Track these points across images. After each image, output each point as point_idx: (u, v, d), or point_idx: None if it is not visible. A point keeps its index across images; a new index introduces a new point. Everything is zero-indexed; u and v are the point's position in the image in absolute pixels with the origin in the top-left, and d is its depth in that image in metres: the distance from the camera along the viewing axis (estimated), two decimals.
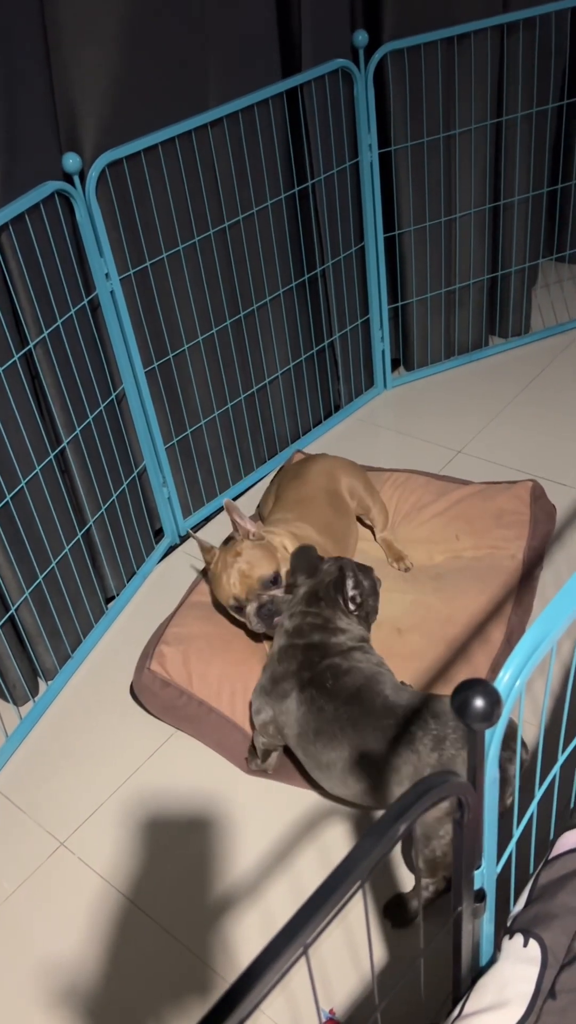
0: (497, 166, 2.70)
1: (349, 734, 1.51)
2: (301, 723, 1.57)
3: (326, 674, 1.58)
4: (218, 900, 1.60)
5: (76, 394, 1.99)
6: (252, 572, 1.79)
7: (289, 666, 1.63)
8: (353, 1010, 1.42)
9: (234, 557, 1.82)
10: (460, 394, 2.82)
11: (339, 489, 2.14)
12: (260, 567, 1.80)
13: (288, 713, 1.60)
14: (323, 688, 1.57)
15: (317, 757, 1.55)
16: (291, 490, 2.12)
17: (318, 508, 2.06)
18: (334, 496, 2.12)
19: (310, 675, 1.59)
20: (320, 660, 1.61)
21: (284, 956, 0.69)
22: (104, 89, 1.88)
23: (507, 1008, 1.01)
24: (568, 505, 2.31)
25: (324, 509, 2.06)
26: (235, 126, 2.14)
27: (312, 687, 1.58)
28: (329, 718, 1.54)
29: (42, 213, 1.82)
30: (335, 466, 2.20)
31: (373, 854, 0.75)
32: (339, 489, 2.14)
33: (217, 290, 2.27)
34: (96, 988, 1.51)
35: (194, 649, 1.91)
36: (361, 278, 2.65)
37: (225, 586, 1.82)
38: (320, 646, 1.63)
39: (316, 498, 2.08)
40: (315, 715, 1.55)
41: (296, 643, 1.65)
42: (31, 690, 2.03)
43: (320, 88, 2.27)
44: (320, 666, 1.60)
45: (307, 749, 1.57)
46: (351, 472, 2.20)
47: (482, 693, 0.79)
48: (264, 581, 1.79)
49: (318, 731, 1.54)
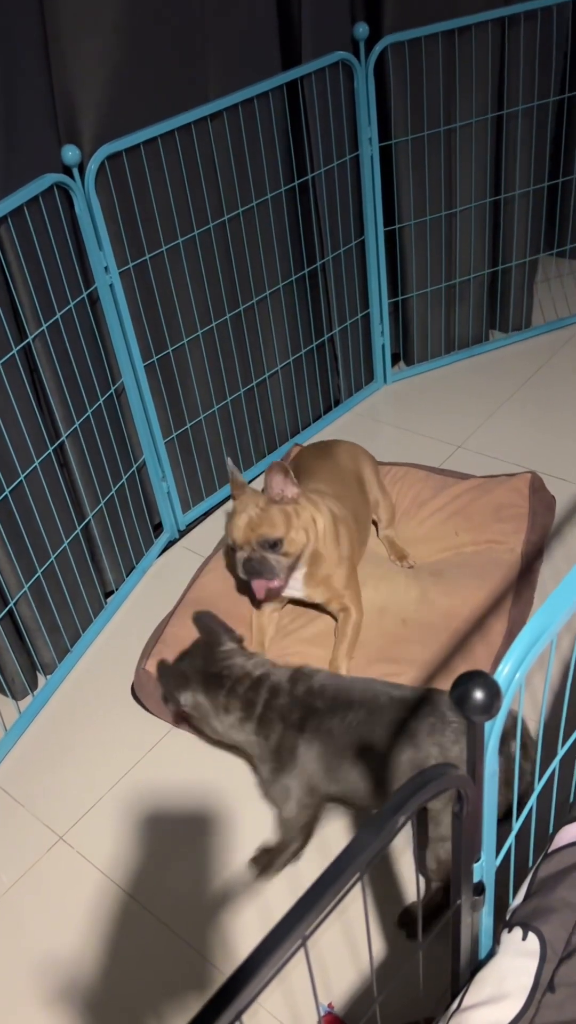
0: (498, 160, 2.69)
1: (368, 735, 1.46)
2: (324, 757, 1.50)
3: (307, 701, 1.53)
4: (216, 894, 1.60)
5: (75, 388, 1.98)
6: (258, 527, 1.79)
7: (274, 728, 1.53)
8: (351, 1003, 1.42)
9: (255, 506, 1.81)
10: (460, 389, 2.81)
11: (361, 474, 2.15)
12: (267, 526, 1.79)
13: (306, 764, 1.51)
14: (317, 712, 1.51)
15: (351, 775, 1.48)
16: (323, 467, 2.09)
17: (349, 490, 2.06)
18: (359, 480, 2.13)
19: (297, 715, 1.52)
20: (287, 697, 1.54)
21: (282, 949, 0.68)
22: (103, 81, 1.87)
23: (506, 1001, 1.01)
24: (568, 500, 2.31)
25: (354, 492, 2.07)
26: (235, 119, 2.13)
27: (308, 720, 1.51)
28: (342, 732, 1.49)
29: (41, 206, 1.81)
30: (358, 451, 2.21)
31: (372, 847, 0.75)
32: (361, 474, 2.15)
33: (217, 284, 2.26)
34: (94, 981, 1.51)
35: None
36: (361, 272, 2.64)
37: (232, 525, 1.83)
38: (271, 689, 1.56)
39: (346, 478, 2.09)
40: (328, 740, 1.49)
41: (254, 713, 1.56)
42: (30, 684, 2.03)
43: (320, 81, 2.26)
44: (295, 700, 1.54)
45: (339, 775, 1.49)
46: (370, 461, 2.22)
47: (482, 685, 0.79)
48: (263, 540, 1.79)
49: (341, 751, 1.48)
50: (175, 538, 2.44)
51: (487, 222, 2.74)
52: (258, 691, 1.56)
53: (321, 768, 1.51)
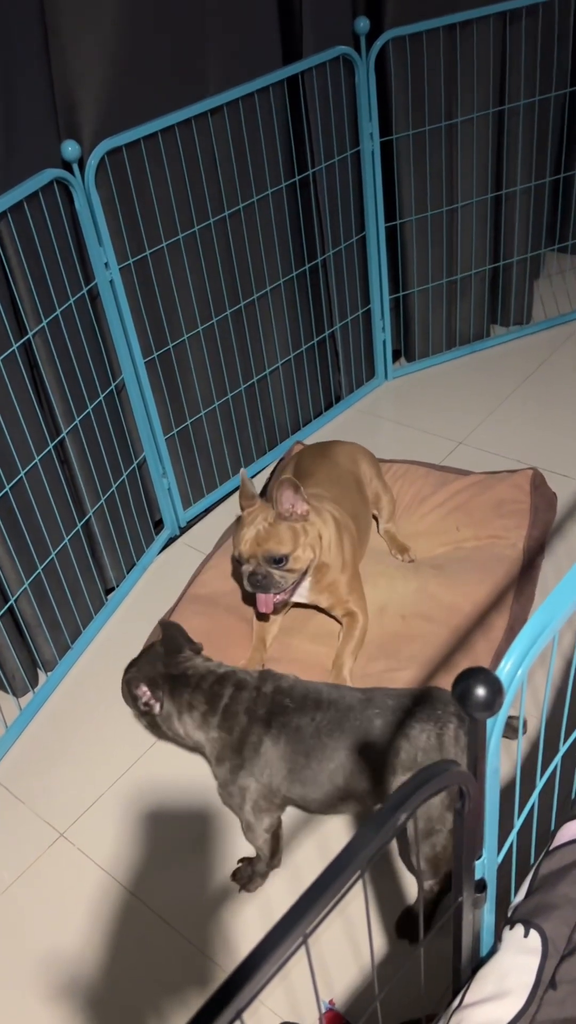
0: (499, 155, 2.68)
1: (337, 737, 1.45)
2: (288, 757, 1.47)
3: (275, 698, 1.51)
4: (217, 890, 1.60)
5: (75, 384, 1.98)
6: (265, 542, 1.80)
7: (238, 721, 1.50)
8: (353, 1001, 1.42)
9: (263, 520, 1.81)
10: (461, 385, 2.80)
11: (360, 474, 2.15)
12: (274, 542, 1.80)
13: (270, 762, 1.48)
14: (286, 710, 1.49)
15: (317, 778, 1.46)
16: (321, 469, 2.10)
17: (348, 492, 2.06)
18: (358, 481, 2.13)
19: (264, 709, 1.50)
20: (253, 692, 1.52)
21: (283, 946, 0.68)
22: (103, 76, 1.86)
23: (507, 998, 1.00)
24: (570, 496, 2.30)
25: (353, 494, 2.07)
26: (235, 114, 2.12)
27: (275, 716, 1.49)
28: (311, 732, 1.46)
29: (41, 201, 1.80)
30: (356, 451, 2.21)
31: (372, 844, 0.74)
32: (360, 474, 2.15)
33: (217, 279, 2.25)
34: (95, 978, 1.51)
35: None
36: (362, 268, 2.63)
37: (239, 537, 1.83)
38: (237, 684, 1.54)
39: (345, 480, 2.09)
40: (296, 739, 1.47)
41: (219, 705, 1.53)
42: (31, 681, 2.03)
43: (321, 75, 2.25)
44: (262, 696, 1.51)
45: (304, 776, 1.47)
46: (369, 459, 2.22)
47: (484, 682, 0.78)
48: (269, 556, 1.80)
49: (308, 752, 1.46)
50: (176, 535, 2.43)
51: (488, 218, 2.73)
52: (223, 685, 1.54)
53: (285, 768, 1.47)
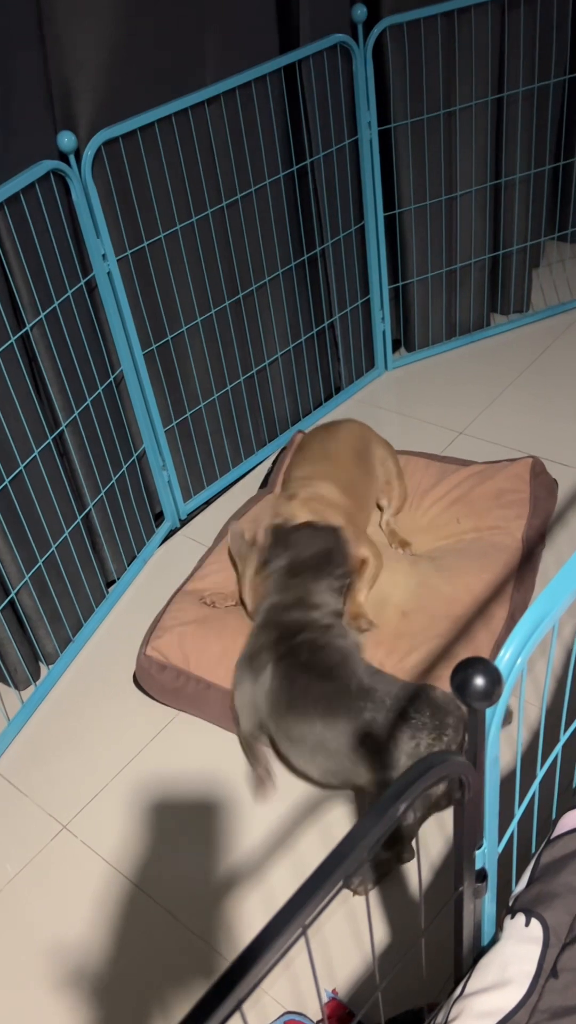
0: (498, 143, 2.66)
1: (321, 709, 1.52)
2: (275, 695, 1.58)
3: (302, 648, 1.60)
4: (221, 881, 1.61)
5: (74, 377, 1.97)
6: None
7: (267, 638, 1.65)
8: (356, 990, 1.42)
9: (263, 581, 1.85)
10: (462, 375, 2.80)
11: (370, 454, 2.16)
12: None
13: (263, 688, 1.61)
14: (298, 661, 1.58)
15: (288, 731, 1.56)
16: (316, 445, 2.14)
17: (344, 464, 2.07)
18: (363, 458, 2.14)
19: (286, 648, 1.61)
20: (297, 634, 1.63)
21: (282, 938, 0.68)
22: (99, 65, 1.85)
23: (509, 987, 1.01)
24: (570, 485, 2.30)
25: (350, 467, 2.08)
26: (232, 104, 2.11)
27: (287, 659, 1.59)
28: (302, 691, 1.55)
29: (37, 193, 1.80)
30: (370, 434, 2.22)
31: (372, 833, 0.74)
32: (370, 454, 2.16)
33: (215, 271, 2.25)
34: (99, 969, 1.52)
35: (191, 632, 1.91)
36: (361, 258, 2.62)
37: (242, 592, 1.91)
38: (297, 622, 1.66)
39: (343, 454, 2.10)
40: (288, 687, 1.57)
41: (274, 618, 1.68)
42: (32, 674, 2.03)
43: (318, 64, 2.24)
44: (296, 640, 1.62)
45: (279, 723, 1.58)
46: (386, 446, 2.23)
47: (483, 672, 0.78)
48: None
49: (291, 704, 1.55)
50: (176, 527, 2.43)
51: (488, 206, 2.72)
52: (289, 611, 1.67)
53: (267, 705, 1.59)
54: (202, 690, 1.83)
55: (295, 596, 1.70)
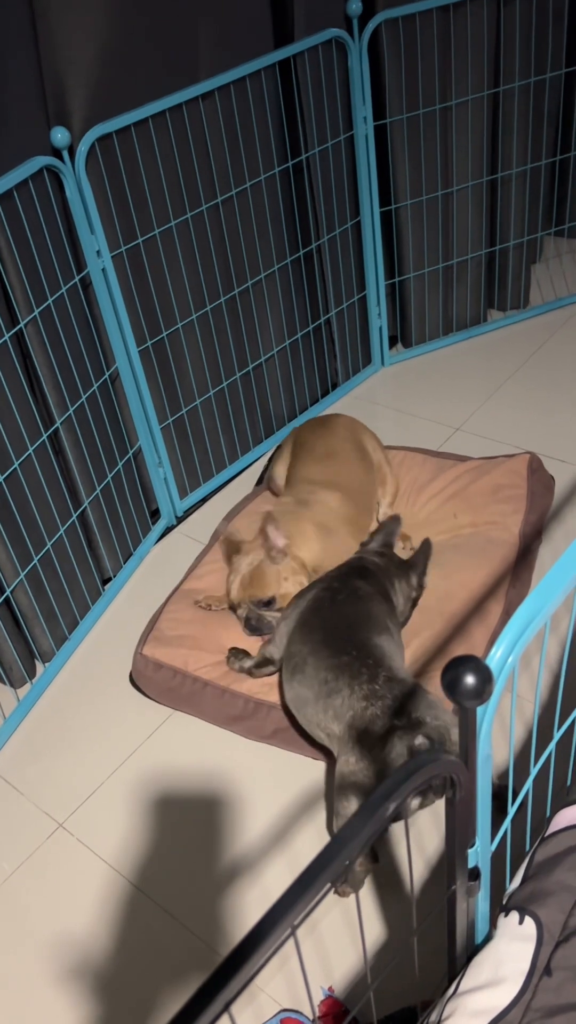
0: (495, 138, 2.65)
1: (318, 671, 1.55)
2: (292, 634, 1.68)
3: (344, 590, 1.68)
4: (217, 878, 1.60)
5: (69, 374, 1.96)
6: (250, 587, 1.88)
7: (332, 573, 1.76)
8: (351, 988, 1.42)
9: (247, 565, 1.88)
10: (459, 371, 2.79)
11: (365, 446, 2.17)
12: (258, 588, 1.87)
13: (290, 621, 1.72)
14: (335, 597, 1.67)
15: (290, 647, 1.65)
16: (319, 443, 2.14)
17: (348, 462, 2.08)
18: (361, 450, 2.14)
19: (337, 584, 1.71)
20: (354, 577, 1.71)
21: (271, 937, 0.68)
22: (93, 60, 1.84)
23: (503, 985, 1.00)
24: (567, 481, 2.29)
25: (354, 463, 2.09)
26: (227, 99, 2.10)
27: (328, 591, 1.69)
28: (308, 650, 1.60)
29: (31, 189, 1.79)
30: (359, 426, 2.23)
31: (363, 833, 0.74)
32: (365, 446, 2.17)
33: (211, 267, 2.24)
34: (95, 967, 1.52)
35: (187, 632, 1.91)
36: (357, 253, 2.61)
37: (228, 583, 1.92)
38: (366, 567, 1.75)
39: (345, 451, 2.11)
40: (305, 633, 1.64)
41: (353, 561, 1.79)
42: (28, 672, 2.03)
43: (313, 59, 2.23)
44: (349, 581, 1.70)
45: (292, 638, 1.67)
46: (374, 436, 2.24)
47: (473, 670, 0.78)
48: (256, 600, 1.87)
49: (305, 622, 1.65)
50: (173, 524, 2.42)
51: (484, 201, 2.71)
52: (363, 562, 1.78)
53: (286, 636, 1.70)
54: (198, 689, 1.83)
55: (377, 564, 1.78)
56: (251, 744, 1.81)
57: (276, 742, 1.77)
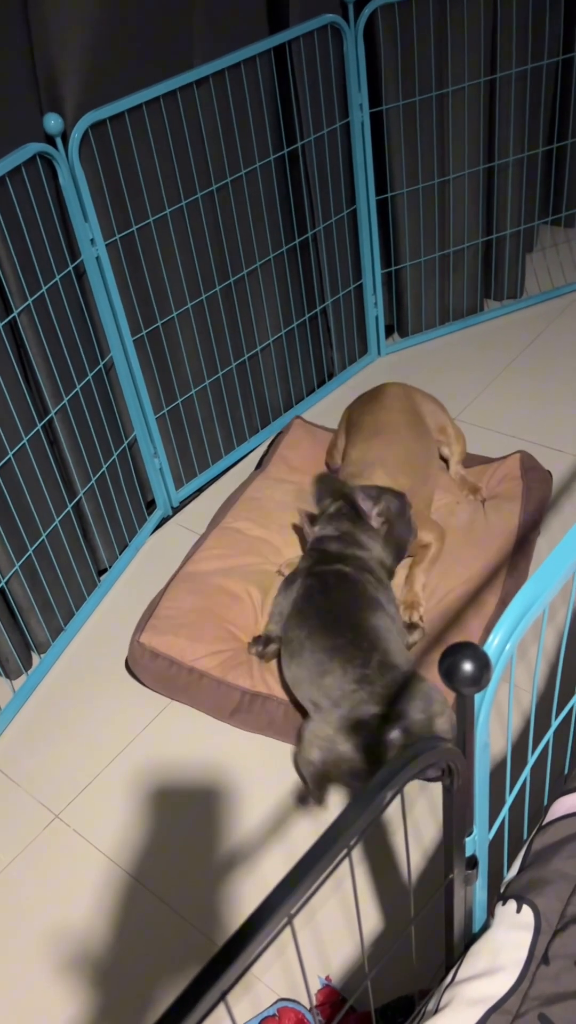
0: (491, 125, 2.64)
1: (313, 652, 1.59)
2: (289, 612, 1.73)
3: (330, 575, 1.71)
4: (214, 869, 1.60)
5: (63, 363, 1.95)
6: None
7: (306, 563, 1.79)
8: (349, 976, 1.42)
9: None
10: (455, 360, 2.78)
11: (419, 412, 2.16)
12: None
13: (290, 598, 1.76)
14: (325, 583, 1.70)
15: (287, 632, 1.70)
16: (368, 419, 2.11)
17: (399, 435, 2.05)
18: (414, 420, 2.12)
19: (319, 569, 1.73)
20: (333, 562, 1.74)
21: (268, 926, 0.67)
22: (86, 46, 1.82)
23: (500, 974, 1.00)
24: (565, 471, 2.29)
25: (405, 435, 2.06)
26: (221, 85, 2.08)
27: (314, 578, 1.72)
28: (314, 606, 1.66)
29: (24, 176, 1.77)
30: (413, 391, 2.21)
31: (359, 822, 0.74)
32: (419, 412, 2.16)
33: (206, 255, 2.22)
34: (92, 958, 1.51)
35: (186, 621, 1.90)
36: (353, 242, 2.60)
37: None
38: (336, 553, 1.77)
39: (396, 423, 2.08)
40: (305, 599, 1.69)
41: (316, 547, 1.81)
42: (24, 663, 2.02)
43: (308, 45, 2.21)
44: (330, 567, 1.72)
45: (288, 624, 1.71)
46: (432, 399, 2.23)
47: (471, 657, 0.77)
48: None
49: (301, 611, 1.68)
50: (168, 515, 2.42)
51: (481, 190, 2.70)
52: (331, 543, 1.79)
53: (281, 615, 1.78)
54: (195, 680, 1.82)
55: (338, 531, 1.80)
56: (247, 735, 1.81)
57: (272, 734, 1.77)
